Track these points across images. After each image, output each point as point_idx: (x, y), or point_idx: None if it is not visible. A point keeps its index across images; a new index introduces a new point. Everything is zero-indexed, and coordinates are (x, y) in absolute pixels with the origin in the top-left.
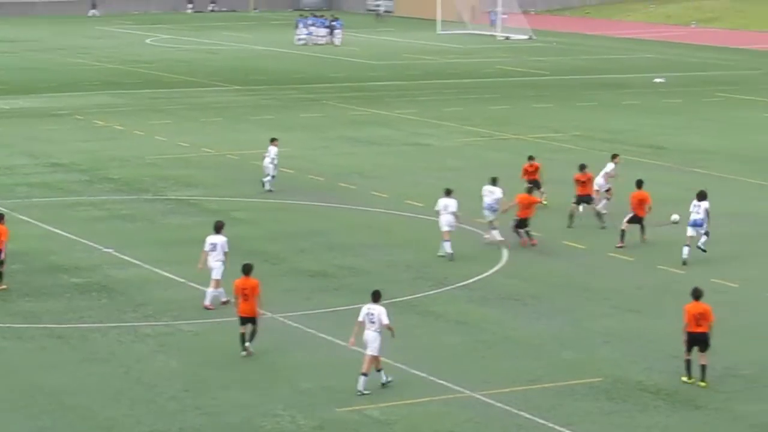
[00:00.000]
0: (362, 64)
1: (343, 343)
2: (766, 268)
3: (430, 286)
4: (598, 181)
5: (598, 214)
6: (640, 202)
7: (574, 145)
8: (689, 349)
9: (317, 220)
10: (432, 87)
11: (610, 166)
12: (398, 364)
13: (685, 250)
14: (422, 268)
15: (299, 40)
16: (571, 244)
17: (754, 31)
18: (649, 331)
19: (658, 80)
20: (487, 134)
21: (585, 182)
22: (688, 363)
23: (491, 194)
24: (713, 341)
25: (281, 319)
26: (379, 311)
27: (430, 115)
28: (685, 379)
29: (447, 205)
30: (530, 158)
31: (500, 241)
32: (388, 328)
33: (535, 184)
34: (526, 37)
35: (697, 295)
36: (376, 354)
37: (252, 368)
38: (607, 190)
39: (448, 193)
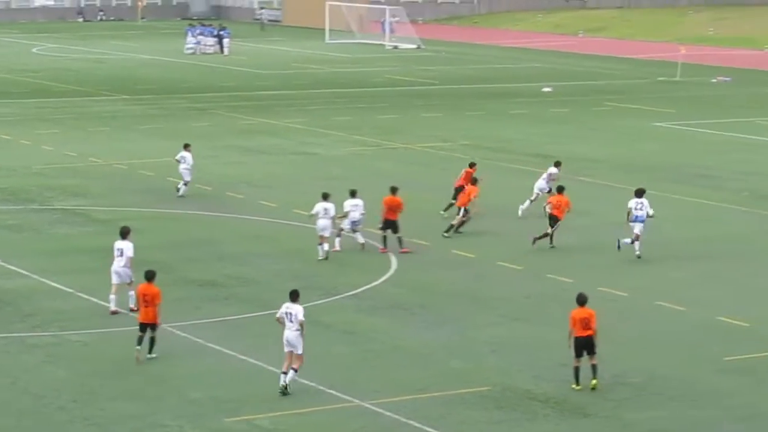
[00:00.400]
0: (251, 74)
1: (232, 353)
2: (653, 276)
3: (319, 295)
4: (539, 184)
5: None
6: (559, 205)
7: (462, 154)
8: (578, 355)
9: (206, 229)
10: (321, 96)
11: (553, 170)
12: None
13: (637, 245)
14: (311, 277)
15: (188, 49)
16: (459, 252)
17: (641, 40)
18: (537, 340)
19: (546, 89)
20: (375, 143)
21: (465, 195)
22: (577, 370)
23: (356, 208)
24: (601, 348)
25: (170, 328)
26: (296, 310)
27: (318, 125)
28: (574, 386)
29: (327, 209)
30: (471, 165)
31: (335, 250)
32: (300, 324)
33: (459, 190)
34: (414, 46)
35: (581, 300)
36: (299, 353)
37: (140, 378)
38: (543, 193)
39: (325, 197)
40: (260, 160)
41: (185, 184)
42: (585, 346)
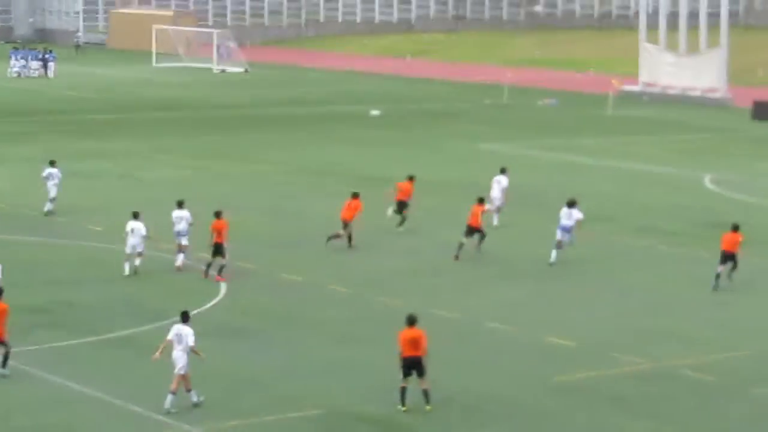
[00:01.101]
0: (77, 97)
1: (59, 380)
2: (484, 297)
3: (148, 320)
4: (495, 195)
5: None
6: (475, 215)
7: (293, 176)
8: (406, 376)
9: (33, 254)
10: (148, 120)
11: (504, 180)
12: (116, 401)
13: (554, 253)
14: (140, 302)
15: (12, 72)
16: (288, 276)
17: (468, 63)
18: (367, 362)
19: (373, 113)
20: (203, 167)
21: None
22: (404, 390)
23: (181, 219)
24: (431, 370)
25: None
26: (187, 332)
27: (145, 148)
28: (400, 407)
29: (135, 228)
30: (410, 178)
31: (178, 267)
32: (194, 351)
33: (402, 205)
34: (242, 69)
35: (411, 321)
36: (183, 373)
37: None
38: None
39: (135, 216)
40: (86, 184)
41: (51, 201)
42: (414, 366)
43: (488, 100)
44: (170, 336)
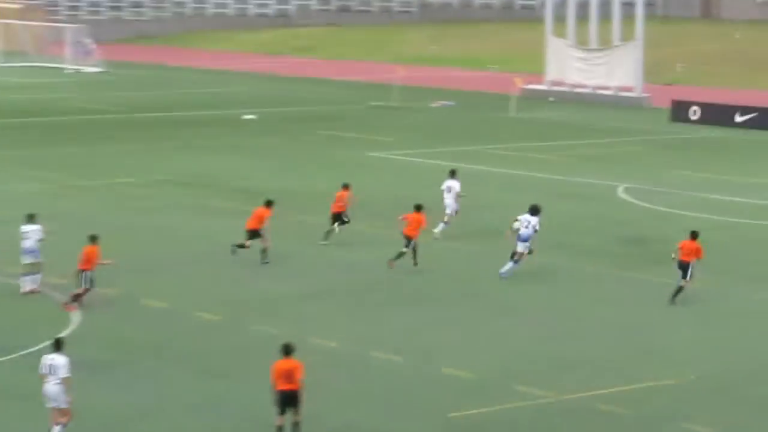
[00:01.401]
0: None
1: None
2: (367, 324)
3: None
4: (448, 202)
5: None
6: (418, 223)
7: (157, 189)
8: (282, 412)
9: None
10: None
11: (456, 185)
12: None
13: (507, 265)
14: None
15: None
16: (150, 302)
17: (353, 60)
18: (238, 398)
19: (248, 117)
20: (57, 180)
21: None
22: (280, 429)
23: (31, 234)
24: (312, 406)
25: None
26: (60, 363)
27: None
28: None
29: None
30: (345, 186)
31: (30, 290)
32: (66, 382)
33: (338, 217)
34: (99, 69)
35: (286, 351)
36: (64, 407)
37: None
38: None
39: None
40: None
41: None
42: (289, 401)
43: (376, 101)
44: (43, 370)
